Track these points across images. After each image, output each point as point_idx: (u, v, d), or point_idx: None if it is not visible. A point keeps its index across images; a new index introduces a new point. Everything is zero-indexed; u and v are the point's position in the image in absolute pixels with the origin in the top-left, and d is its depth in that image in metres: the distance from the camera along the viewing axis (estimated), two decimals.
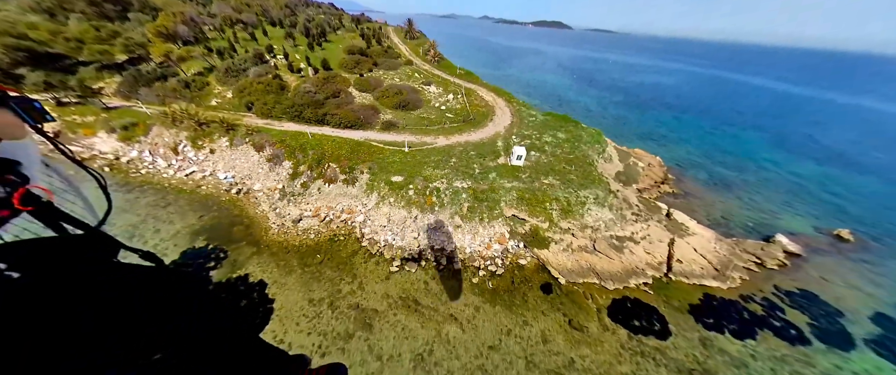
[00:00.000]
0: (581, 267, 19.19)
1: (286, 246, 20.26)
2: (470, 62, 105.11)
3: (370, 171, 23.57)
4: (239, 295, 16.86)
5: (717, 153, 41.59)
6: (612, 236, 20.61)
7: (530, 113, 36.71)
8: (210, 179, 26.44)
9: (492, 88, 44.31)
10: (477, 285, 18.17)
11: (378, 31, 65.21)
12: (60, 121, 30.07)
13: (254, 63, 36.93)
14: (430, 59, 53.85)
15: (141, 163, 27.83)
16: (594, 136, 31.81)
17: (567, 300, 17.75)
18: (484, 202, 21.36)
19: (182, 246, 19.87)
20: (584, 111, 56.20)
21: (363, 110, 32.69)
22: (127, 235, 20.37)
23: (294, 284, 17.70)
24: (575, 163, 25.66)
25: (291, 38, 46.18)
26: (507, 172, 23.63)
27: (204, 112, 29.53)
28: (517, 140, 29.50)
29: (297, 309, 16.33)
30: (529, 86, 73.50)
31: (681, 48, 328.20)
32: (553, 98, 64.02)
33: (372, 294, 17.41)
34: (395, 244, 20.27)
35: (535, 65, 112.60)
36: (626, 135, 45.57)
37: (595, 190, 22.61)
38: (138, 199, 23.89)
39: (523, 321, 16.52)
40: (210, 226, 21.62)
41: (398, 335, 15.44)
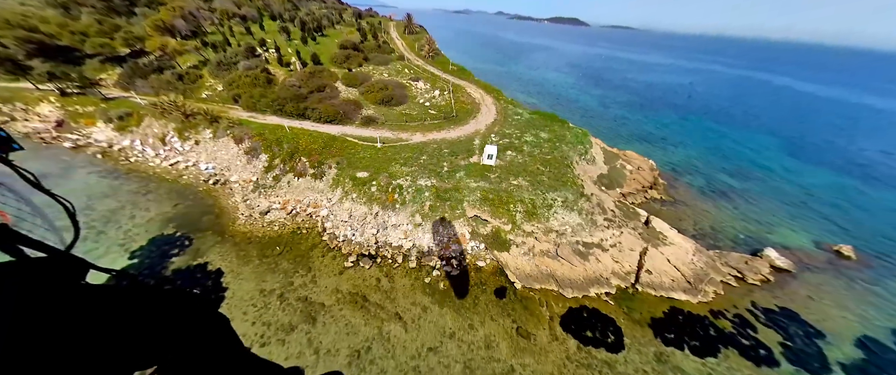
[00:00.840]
0: (540, 272, 18.55)
1: (250, 236, 20.74)
2: (474, 59, 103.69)
3: (338, 166, 23.65)
4: (194, 282, 17.44)
5: (721, 158, 39.05)
6: (577, 242, 19.77)
7: (516, 111, 35.65)
8: (192, 169, 27.39)
9: (482, 85, 43.33)
10: (429, 285, 17.94)
11: (376, 26, 65.05)
12: (64, 111, 31.93)
13: (245, 57, 37.74)
14: (426, 54, 53.23)
15: (131, 152, 29.18)
16: (579, 137, 30.52)
17: (520, 306, 17.23)
18: (447, 201, 20.97)
19: (152, 233, 20.73)
20: (582, 111, 54.19)
21: (345, 105, 32.77)
22: (104, 220, 21.45)
23: (249, 274, 18.10)
24: (551, 164, 24.71)
25: (286, 32, 46.80)
26: (477, 171, 23.07)
27: (191, 104, 30.50)
28: (496, 138, 28.75)
29: (247, 298, 16.71)
30: (530, 84, 71.55)
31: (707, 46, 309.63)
32: (552, 97, 62.02)
33: (323, 288, 17.55)
34: (353, 239, 20.32)
35: (542, 62, 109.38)
36: (623, 136, 43.65)
37: (565, 193, 21.70)
38: (122, 186, 25.10)
39: (469, 324, 16.18)
40: (182, 215, 22.43)
41: (340, 330, 15.50)
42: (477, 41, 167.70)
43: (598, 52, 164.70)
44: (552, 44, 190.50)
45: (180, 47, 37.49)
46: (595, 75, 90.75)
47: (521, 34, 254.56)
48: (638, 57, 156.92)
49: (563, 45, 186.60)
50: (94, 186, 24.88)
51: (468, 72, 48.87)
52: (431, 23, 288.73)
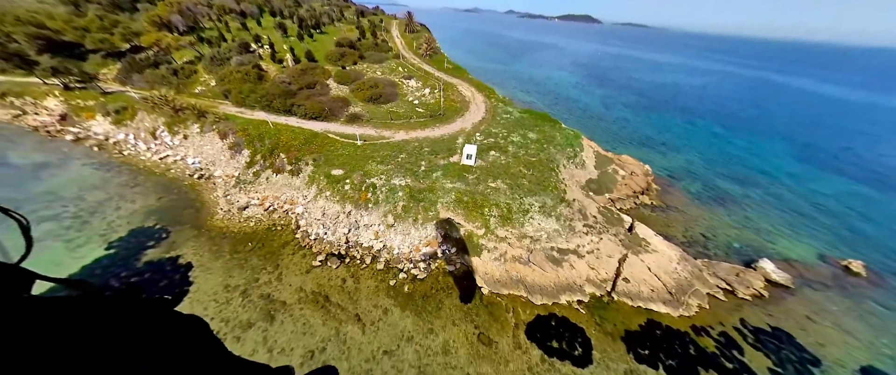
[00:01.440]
0: (510, 277, 17.89)
1: (225, 231, 20.88)
2: (477, 57, 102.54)
3: (314, 163, 23.54)
4: (163, 274, 17.63)
5: (724, 163, 37.06)
6: (552, 248, 18.97)
7: (506, 109, 34.80)
8: (180, 163, 27.90)
9: (475, 83, 42.59)
10: (394, 287, 17.57)
11: (377, 25, 64.99)
12: (67, 105, 33.15)
13: (238, 52, 38.24)
14: (423, 53, 52.80)
15: (125, 145, 29.99)
16: (570, 139, 29.49)
17: (485, 311, 16.65)
18: (420, 202, 20.52)
19: (134, 224, 21.15)
20: (581, 111, 52.63)
21: (332, 102, 32.73)
22: (90, 211, 22.03)
23: (218, 269, 18.18)
24: (535, 167, 23.88)
25: (283, 29, 47.27)
26: (455, 172, 22.51)
27: (181, 99, 31.07)
28: (481, 137, 28.07)
29: (211, 293, 16.76)
30: (530, 83, 70.07)
31: (725, 46, 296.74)
32: (551, 96, 60.52)
33: (287, 286, 17.45)
34: (325, 238, 20.15)
35: (546, 60, 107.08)
36: (621, 139, 42.07)
37: (544, 198, 20.89)
38: (113, 179, 25.79)
39: (430, 329, 15.73)
40: (165, 208, 22.83)
41: (297, 330, 15.33)
42: (482, 40, 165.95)
43: (608, 51, 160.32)
44: (560, 42, 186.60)
45: (175, 42, 38.36)
46: (601, 75, 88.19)
47: (528, 32, 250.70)
48: (649, 56, 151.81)
49: (571, 43, 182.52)
50: (87, 178, 25.67)
51: (463, 71, 48.20)
52: (438, 21, 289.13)
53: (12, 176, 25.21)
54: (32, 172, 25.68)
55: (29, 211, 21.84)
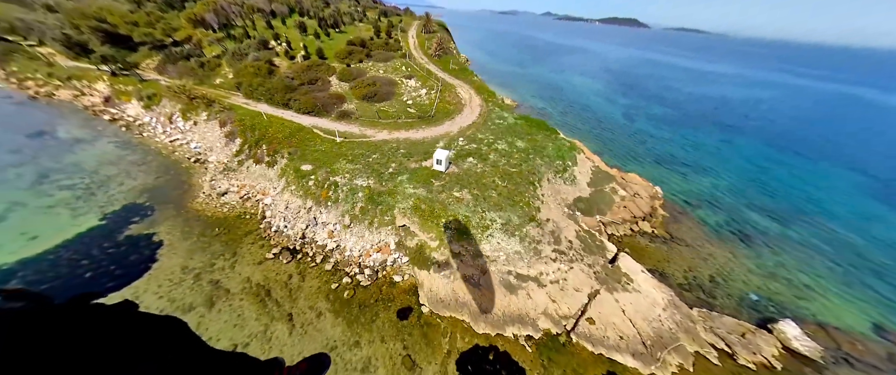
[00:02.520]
0: (455, 298, 16.39)
1: (200, 215, 22.11)
2: (496, 59, 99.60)
3: (289, 157, 24.01)
4: (136, 250, 19.05)
5: (762, 193, 31.15)
6: (510, 272, 17.04)
7: (501, 115, 32.75)
8: (185, 147, 30.42)
9: (477, 86, 40.94)
10: (335, 291, 17.05)
11: (396, 25, 65.96)
12: (111, 89, 38.09)
13: (256, 48, 40.93)
14: (433, 53, 52.28)
15: (146, 128, 33.56)
16: (563, 150, 26.78)
17: (419, 332, 15.39)
18: (379, 205, 19.80)
19: (129, 200, 23.34)
20: (595, 121, 48.06)
21: (327, 98, 33.46)
22: (99, 184, 24.78)
23: (183, 250, 19.20)
24: (511, 179, 21.90)
25: (302, 28, 49.82)
26: (422, 177, 21.43)
27: (196, 88, 33.94)
28: (463, 142, 26.61)
29: (169, 272, 17.69)
30: (547, 88, 65.91)
31: (798, 56, 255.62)
32: (566, 103, 56.19)
33: (237, 275, 17.81)
34: (284, 231, 20.35)
35: (572, 65, 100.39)
36: (636, 155, 37.53)
37: (510, 215, 18.94)
38: (127, 156, 28.90)
39: (356, 341, 14.91)
40: (158, 187, 24.91)
41: (230, 320, 15.47)
42: (510, 42, 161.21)
43: (647, 57, 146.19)
44: (594, 46, 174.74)
45: (205, 38, 42.19)
46: (630, 82, 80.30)
47: (562, 35, 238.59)
48: (698, 65, 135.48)
49: (605, 48, 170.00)
50: (108, 154, 29.08)
51: (469, 73, 46.71)
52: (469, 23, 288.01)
53: (54, 147, 29.44)
54: (69, 145, 29.77)
55: (55, 179, 25.28)
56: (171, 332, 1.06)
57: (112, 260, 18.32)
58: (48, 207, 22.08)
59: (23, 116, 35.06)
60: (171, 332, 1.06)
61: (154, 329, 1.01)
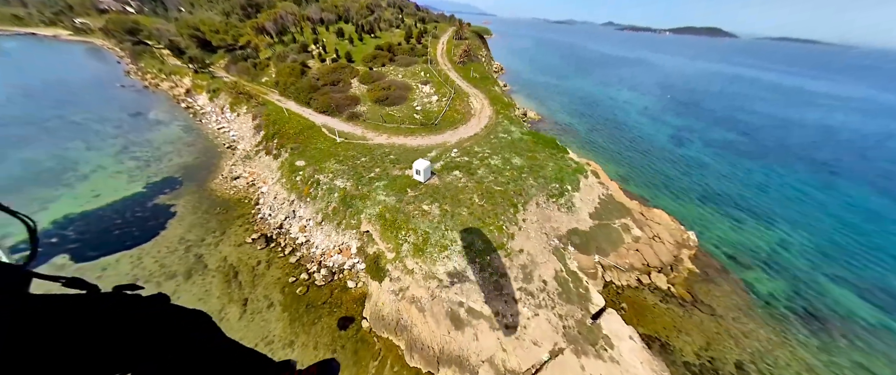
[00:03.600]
0: (397, 320, 15.27)
1: (212, 194, 25.27)
2: (535, 69, 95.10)
3: (290, 152, 25.95)
4: (154, 216, 22.54)
5: (858, 265, 22.65)
6: (461, 303, 15.23)
7: (508, 128, 30.55)
8: (226, 135, 35.60)
9: (492, 96, 39.26)
10: (290, 285, 17.48)
11: (429, 31, 68.24)
12: (192, 83, 47.09)
13: (297, 51, 46.29)
14: (458, 59, 52.35)
15: (205, 116, 40.36)
16: (566, 172, 23.62)
17: (352, 348, 14.67)
18: (349, 208, 19.90)
19: (169, 174, 28.00)
20: (627, 141, 41.64)
21: (343, 99, 35.73)
22: (155, 159, 30.33)
23: (186, 223, 22.06)
24: (493, 198, 19.95)
25: (340, 33, 54.89)
26: (399, 186, 20.95)
27: (244, 85, 39.64)
28: (456, 154, 25.42)
29: (169, 240, 20.41)
30: (582, 102, 59.95)
31: None
32: (598, 119, 50.06)
33: (217, 253, 19.64)
34: (268, 220, 21.88)
35: (622, 78, 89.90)
36: (673, 187, 31.24)
37: (474, 238, 17.08)
38: (183, 137, 34.97)
39: (291, 341, 14.88)
40: (193, 165, 29.42)
41: (196, 294, 16.97)
42: (556, 51, 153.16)
43: (726, 71, 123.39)
44: (655, 57, 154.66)
45: (262, 43, 49.43)
46: (691, 100, 68.15)
47: (619, 46, 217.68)
48: (798, 82, 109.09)
49: (670, 60, 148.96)
50: (172, 135, 35.65)
51: (489, 81, 45.28)
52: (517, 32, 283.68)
53: (142, 125, 37.30)
54: (151, 125, 37.42)
55: (130, 151, 31.84)
56: (187, 328, 0.98)
57: (137, 222, 22.00)
58: (117, 172, 27.82)
59: (134, 100, 45.52)
60: (187, 328, 0.98)
61: (172, 324, 0.95)
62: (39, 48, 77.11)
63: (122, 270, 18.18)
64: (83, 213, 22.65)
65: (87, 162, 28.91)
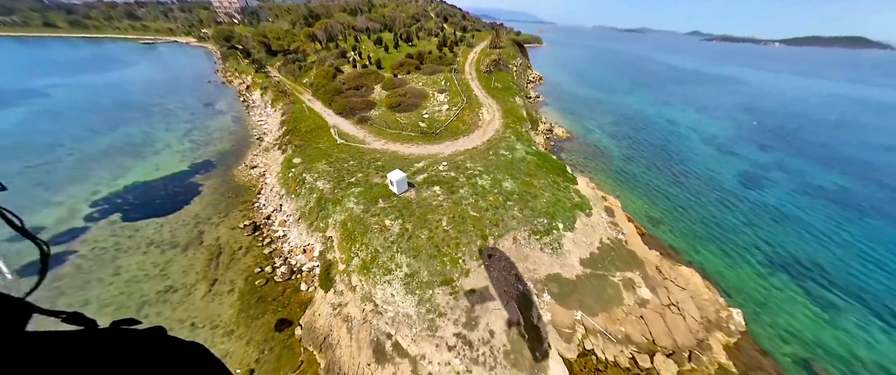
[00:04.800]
0: (326, 335, 14.80)
1: (231, 179, 28.93)
2: (583, 81, 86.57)
3: (294, 148, 28.07)
4: (183, 191, 26.73)
5: None
6: (388, 335, 13.98)
7: (513, 146, 27.83)
8: (262, 127, 40.86)
9: (508, 109, 36.58)
10: (254, 275, 18.59)
11: (465, 39, 67.96)
12: (252, 80, 55.77)
13: (336, 57, 50.72)
14: (484, 69, 50.71)
15: (253, 110, 47.12)
16: (560, 206, 20.26)
17: (277, 354, 14.71)
18: (322, 210, 20.38)
19: (208, 158, 33.10)
20: (671, 175, 34.03)
21: (359, 103, 37.58)
22: (205, 143, 36.31)
23: (205, 202, 25.56)
24: (463, 224, 18.13)
25: (379, 41, 58.44)
26: (373, 195, 20.66)
27: (287, 84, 45.02)
28: (444, 168, 24.12)
29: (187, 214, 23.87)
30: (629, 123, 51.70)
31: None
32: (643, 144, 42.21)
33: (215, 232, 22.18)
34: (261, 209, 23.94)
35: (692, 97, 74.94)
36: (725, 242, 24.33)
37: (422, 266, 15.55)
38: (231, 126, 41.21)
39: (231, 331, 15.67)
40: (228, 152, 34.28)
41: (182, 268, 19.29)
42: (614, 62, 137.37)
43: (858, 94, 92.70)
44: (747, 74, 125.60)
45: (309, 48, 55.71)
46: (787, 129, 52.49)
47: (701, 59, 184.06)
48: None
49: (769, 78, 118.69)
50: (225, 124, 42.40)
51: (510, 92, 42.46)
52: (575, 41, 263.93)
53: (208, 114, 45.39)
54: (214, 114, 45.27)
55: (191, 135, 38.87)
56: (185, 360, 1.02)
57: (172, 196, 26.43)
58: (176, 151, 34.16)
59: (212, 93, 56.01)
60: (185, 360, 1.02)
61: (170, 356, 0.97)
62: (176, 51, 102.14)
63: (146, 234, 21.88)
64: (144, 182, 28.27)
65: (161, 141, 36.31)
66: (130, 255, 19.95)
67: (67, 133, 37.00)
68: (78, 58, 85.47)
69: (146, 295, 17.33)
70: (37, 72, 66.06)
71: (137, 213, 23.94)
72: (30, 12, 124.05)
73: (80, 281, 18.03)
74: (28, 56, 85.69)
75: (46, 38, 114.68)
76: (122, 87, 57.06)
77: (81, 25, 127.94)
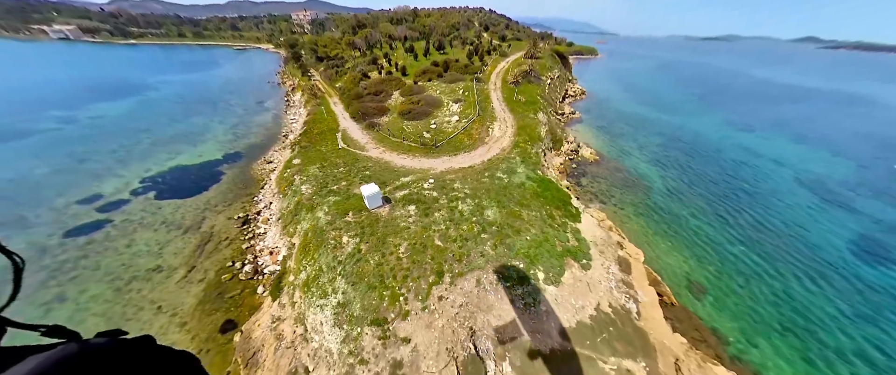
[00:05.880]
0: (258, 349, 14.11)
1: (248, 172, 31.73)
2: (636, 96, 75.66)
3: (298, 149, 29.40)
4: (208, 178, 30.19)
5: None
6: (307, 370, 12.51)
7: (514, 169, 24.42)
8: (289, 125, 44.85)
9: (523, 124, 32.88)
10: (224, 269, 19.31)
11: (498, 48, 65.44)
12: (297, 82, 62.55)
13: (367, 64, 53.45)
14: (512, 80, 47.50)
15: (291, 109, 52.35)
16: (547, 250, 16.48)
17: (212, 358, 14.52)
18: (296, 215, 20.39)
19: (238, 150, 37.21)
20: (742, 227, 25.77)
21: (373, 109, 38.29)
22: (242, 135, 41.25)
23: (220, 190, 28.35)
24: (420, 254, 15.94)
25: (411, 50, 59.91)
26: (344, 207, 19.88)
27: (319, 88, 48.90)
28: (429, 186, 22.24)
29: (201, 200, 26.62)
30: (683, 148, 42.11)
31: None
32: (702, 178, 33.35)
33: (214, 220, 24.12)
34: (256, 204, 25.40)
35: (786, 120, 57.85)
36: (815, 345, 16.96)
37: (357, 298, 13.75)
38: (267, 123, 46.11)
39: (184, 323, 16.18)
40: (255, 146, 38.12)
41: (176, 248, 21.14)
42: (680, 76, 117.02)
43: None
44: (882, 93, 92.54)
45: (349, 55, 60.04)
46: None
47: (814, 72, 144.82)
48: None
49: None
50: (264, 120, 47.77)
51: (534, 107, 38.46)
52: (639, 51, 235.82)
53: (256, 111, 52.00)
54: (260, 111, 51.64)
55: (236, 128, 44.72)
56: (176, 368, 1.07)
57: (198, 181, 30.08)
58: (218, 141, 39.43)
59: (267, 92, 64.48)
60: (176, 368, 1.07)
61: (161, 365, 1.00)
62: (257, 56, 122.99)
63: (164, 213, 25.02)
64: (184, 166, 33.05)
65: (211, 131, 42.53)
66: (145, 231, 22.88)
67: (154, 120, 46.13)
68: (190, 60, 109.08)
69: (139, 270, 19.37)
70: (159, 70, 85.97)
71: (167, 193, 27.75)
72: (170, 26, 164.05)
73: (101, 247, 21.21)
74: (163, 58, 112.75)
75: (177, 45, 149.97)
76: (207, 85, 69.90)
77: (201, 35, 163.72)
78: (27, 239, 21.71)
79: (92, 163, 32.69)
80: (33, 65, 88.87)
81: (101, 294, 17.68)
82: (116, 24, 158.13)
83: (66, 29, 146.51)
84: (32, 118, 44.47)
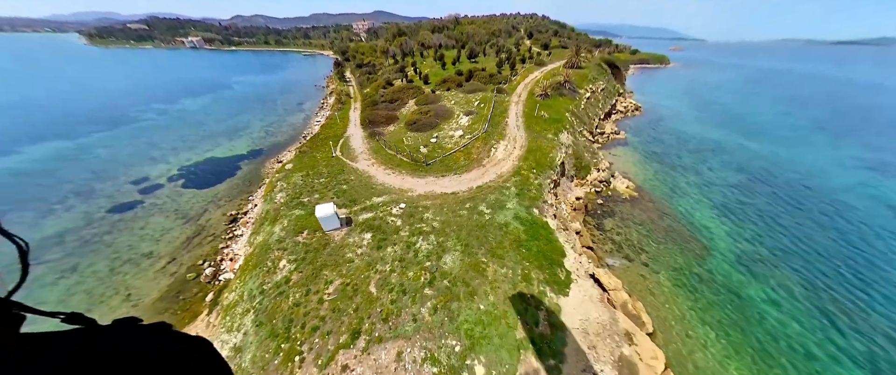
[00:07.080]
0: None
1: (260, 171, 34.02)
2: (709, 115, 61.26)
3: (297, 153, 30.15)
4: (229, 169, 33.33)
5: None
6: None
7: (505, 201, 20.25)
8: (314, 127, 47.73)
9: (535, 147, 27.87)
10: (194, 267, 20.12)
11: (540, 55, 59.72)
12: (334, 86, 67.42)
13: (394, 71, 54.18)
14: (540, 92, 42.18)
15: (323, 111, 56.16)
16: (502, 335, 12.44)
17: None
18: (262, 224, 20.22)
19: (261, 147, 40.79)
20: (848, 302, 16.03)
21: (382, 117, 37.82)
22: (272, 133, 45.36)
23: (231, 185, 30.94)
24: (346, 303, 13.60)
25: (440, 58, 58.75)
26: (304, 224, 18.91)
27: (346, 92, 51.30)
28: (400, 210, 19.89)
29: (213, 193, 29.22)
30: (793, 198, 30.50)
31: None
32: (818, 254, 23.03)
33: (214, 213, 26.02)
34: (249, 203, 26.65)
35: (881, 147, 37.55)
36: None
37: (253, 346, 11.96)
38: (296, 124, 50.13)
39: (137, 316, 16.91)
40: (278, 144, 41.22)
41: (171, 238, 23.14)
42: (785, 91, 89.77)
43: None
44: None
45: (378, 62, 62.05)
46: None
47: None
48: None
49: None
50: (296, 121, 51.96)
51: (560, 125, 32.81)
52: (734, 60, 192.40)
53: (294, 111, 57.33)
54: (297, 111, 56.64)
55: (272, 126, 49.68)
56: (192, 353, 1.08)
57: (220, 174, 33.48)
58: (251, 138, 44.04)
59: (311, 94, 71.22)
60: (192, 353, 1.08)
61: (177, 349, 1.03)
62: (318, 61, 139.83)
63: (181, 201, 28.15)
64: (216, 158, 37.50)
65: (250, 128, 48.00)
66: (159, 215, 25.88)
67: (215, 115, 54.53)
68: (268, 63, 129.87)
69: (136, 253, 21.62)
70: (241, 71, 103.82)
71: (191, 183, 31.43)
72: (260, 36, 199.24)
73: (124, 226, 24.56)
74: (249, 61, 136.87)
75: (264, 51, 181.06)
76: (268, 85, 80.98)
77: (281, 43, 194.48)
78: (85, 209, 26.57)
79: (157, 150, 39.61)
80: (165, 67, 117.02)
81: (99, 271, 20.05)
82: (226, 35, 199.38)
83: (195, 40, 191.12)
84: (142, 109, 57.10)
